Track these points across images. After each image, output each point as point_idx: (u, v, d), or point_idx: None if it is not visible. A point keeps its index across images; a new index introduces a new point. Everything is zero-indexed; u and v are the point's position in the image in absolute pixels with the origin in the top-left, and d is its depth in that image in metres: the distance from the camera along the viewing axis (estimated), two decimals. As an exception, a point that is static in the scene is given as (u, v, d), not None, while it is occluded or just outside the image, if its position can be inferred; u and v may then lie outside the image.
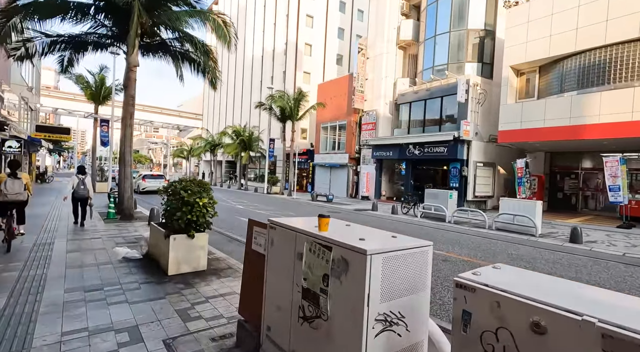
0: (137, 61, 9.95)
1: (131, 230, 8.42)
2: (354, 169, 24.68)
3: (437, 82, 18.43)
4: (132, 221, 9.79)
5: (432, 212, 13.20)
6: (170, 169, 65.01)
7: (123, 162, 10.04)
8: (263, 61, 37.89)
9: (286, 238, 2.42)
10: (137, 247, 6.48)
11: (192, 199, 4.75)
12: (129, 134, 10.02)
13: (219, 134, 36.65)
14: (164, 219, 5.65)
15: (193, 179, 5.54)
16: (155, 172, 29.81)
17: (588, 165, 16.56)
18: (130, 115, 9.99)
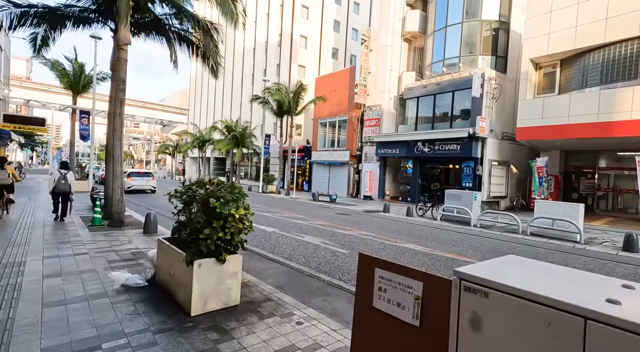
0: (128, 38, 8.39)
1: (124, 241, 6.93)
2: (355, 167, 23.53)
3: (449, 76, 17.46)
4: (123, 228, 8.26)
5: (454, 214, 12.19)
6: (153, 166, 62.29)
7: (112, 158, 8.47)
8: (255, 53, 36.17)
9: (520, 318, 1.16)
10: (138, 267, 5.06)
11: (225, 210, 3.41)
12: (118, 126, 8.46)
13: (208, 129, 34.75)
14: (178, 233, 4.28)
15: (218, 181, 4.20)
16: (142, 170, 27.79)
17: (604, 165, 15.99)
18: (120, 103, 8.43)
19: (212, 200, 3.44)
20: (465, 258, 6.94)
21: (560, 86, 14.52)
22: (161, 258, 4.35)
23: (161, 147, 46.89)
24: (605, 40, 12.41)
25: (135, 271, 4.80)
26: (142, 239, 7.18)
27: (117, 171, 8.49)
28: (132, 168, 60.82)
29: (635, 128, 11.55)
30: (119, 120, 8.45)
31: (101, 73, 19.80)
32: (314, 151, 26.68)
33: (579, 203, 9.66)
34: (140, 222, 9.19)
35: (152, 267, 4.55)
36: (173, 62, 11.68)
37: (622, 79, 12.24)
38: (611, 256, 7.74)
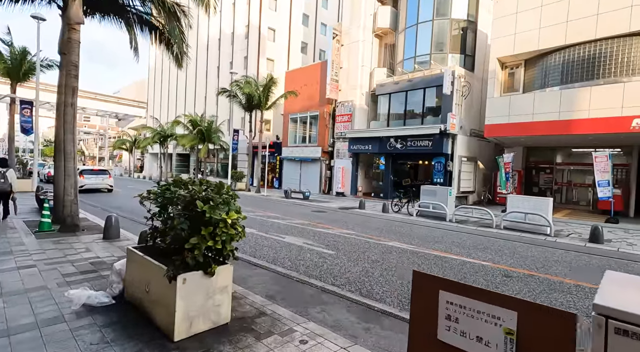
0: (80, 16, 7.33)
1: (80, 249, 6.04)
2: (326, 163, 23.27)
3: (420, 73, 17.67)
4: (78, 233, 7.27)
5: (430, 210, 12.30)
6: (108, 162, 57.95)
7: (62, 154, 7.40)
8: (221, 44, 34.57)
9: None
10: (101, 280, 4.34)
11: (216, 214, 2.89)
12: (70, 117, 7.40)
13: (171, 123, 32.73)
14: (152, 241, 3.67)
15: (201, 180, 3.64)
16: (96, 167, 25.53)
17: (560, 161, 17.06)
18: (72, 92, 7.36)
19: (199, 203, 2.89)
20: (452, 255, 6.87)
21: (524, 85, 15.20)
22: (132, 271, 3.70)
23: (117, 142, 43.54)
24: (566, 42, 13.10)
25: (98, 287, 4.09)
26: (103, 245, 6.32)
27: (70, 169, 7.44)
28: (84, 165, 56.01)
29: (592, 126, 12.31)
30: (71, 111, 7.39)
31: (46, 59, 17.74)
32: (285, 147, 26.04)
33: (548, 198, 10.08)
34: (99, 225, 8.20)
35: (119, 281, 3.88)
36: (133, 49, 10.61)
37: (581, 79, 13.00)
38: (581, 248, 8.10)
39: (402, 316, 3.78)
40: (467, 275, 5.44)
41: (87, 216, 9.68)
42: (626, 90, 11.60)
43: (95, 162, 75.93)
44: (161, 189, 3.53)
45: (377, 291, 4.64)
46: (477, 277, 5.38)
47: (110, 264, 4.96)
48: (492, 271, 5.72)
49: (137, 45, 10.60)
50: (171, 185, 3.58)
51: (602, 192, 12.26)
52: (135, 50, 10.70)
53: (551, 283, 5.22)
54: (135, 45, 10.52)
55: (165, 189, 3.50)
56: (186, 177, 4.09)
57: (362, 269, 5.66)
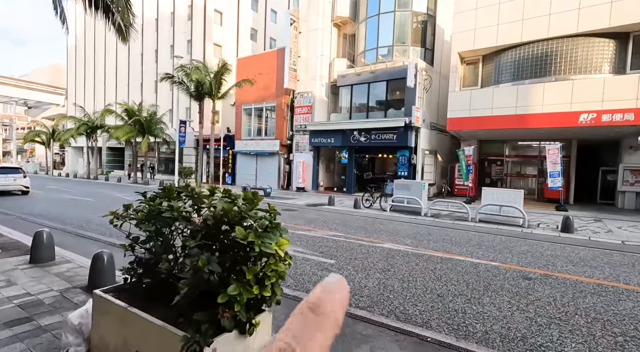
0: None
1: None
2: (285, 157, 22.14)
3: (382, 65, 17.42)
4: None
5: (404, 205, 12.08)
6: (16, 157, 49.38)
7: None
8: (158, 25, 30.94)
9: None
10: (42, 338, 2.94)
11: (268, 246, 1.85)
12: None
13: (100, 113, 28.51)
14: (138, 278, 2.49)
15: (212, 187, 2.52)
16: (6, 164, 21.11)
17: (509, 153, 18.26)
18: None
19: (240, 230, 1.82)
20: (457, 256, 6.49)
21: (482, 80, 15.79)
22: (105, 329, 2.45)
23: (29, 134, 36.82)
24: (522, 40, 13.76)
25: (39, 350, 2.73)
26: (32, 274, 4.65)
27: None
28: (-16, 162, 46.72)
29: (545, 120, 13.14)
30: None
31: None
32: (238, 140, 24.24)
33: (519, 190, 10.42)
34: (20, 243, 6.27)
35: (80, 344, 2.58)
36: (59, 17, 8.45)
37: (535, 76, 13.80)
38: (559, 239, 8.38)
39: (462, 347, 3.11)
40: (491, 282, 5.02)
41: (1, 230, 7.46)
42: (575, 87, 12.52)
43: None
44: (150, 203, 2.34)
45: (413, 311, 3.93)
46: (502, 282, 4.99)
47: (53, 308, 3.51)
48: (509, 274, 5.39)
49: (63, 10, 8.47)
50: (165, 195, 2.41)
51: (553, 183, 13.18)
52: (62, 18, 8.54)
53: (590, 286, 5.04)
54: (61, 10, 8.39)
55: (156, 202, 2.33)
56: (122, 174, 2.89)
57: (377, 281, 4.92)
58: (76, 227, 8.35)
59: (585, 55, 12.84)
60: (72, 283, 4.38)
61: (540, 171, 17.05)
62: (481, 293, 4.49)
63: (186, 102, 28.31)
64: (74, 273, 4.75)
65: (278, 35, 34.87)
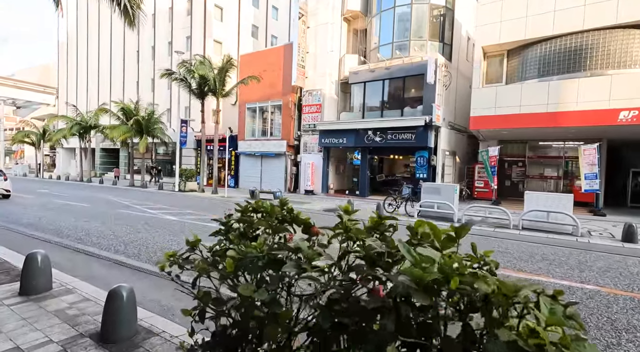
0: None
1: (-24, 328, 3.20)
2: (292, 158, 21.06)
3: (399, 61, 16.47)
4: (-31, 286, 4.21)
5: (434, 210, 11.08)
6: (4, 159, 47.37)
7: None
8: (156, 20, 29.62)
9: None
10: None
11: None
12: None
13: (94, 112, 27.09)
14: None
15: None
16: None
17: (532, 154, 17.42)
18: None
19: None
20: (538, 277, 5.49)
21: (507, 76, 14.91)
22: None
23: (18, 134, 35.14)
24: (553, 33, 12.90)
25: None
26: (23, 312, 3.51)
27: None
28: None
29: (580, 118, 12.29)
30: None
31: None
32: (241, 141, 23.09)
33: (568, 194, 9.50)
34: (9, 264, 5.10)
35: None
36: None
37: (567, 71, 12.94)
38: (627, 250, 7.44)
39: None
40: (615, 317, 4.02)
41: (-17, 245, 6.27)
42: (613, 82, 11.68)
43: (-14, 160, 61.88)
44: (248, 245, 1.27)
45: None
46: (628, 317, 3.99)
47: (57, 380, 2.40)
48: (625, 304, 4.39)
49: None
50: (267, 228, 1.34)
51: (588, 185, 12.31)
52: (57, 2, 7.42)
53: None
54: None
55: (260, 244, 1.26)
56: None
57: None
58: (74, 240, 7.17)
59: (625, 48, 12.02)
60: (78, 328, 3.26)
61: (565, 173, 16.23)
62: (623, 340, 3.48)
63: (186, 101, 27.09)
64: (79, 311, 3.63)
65: (280, 32, 33.85)
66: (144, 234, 7.86)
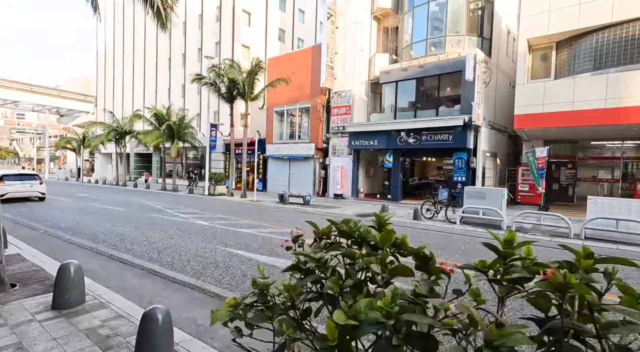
0: None
1: (6, 344, 2.92)
2: (320, 161, 20.63)
3: (433, 58, 15.62)
4: (4, 295, 4.02)
5: (479, 216, 10.20)
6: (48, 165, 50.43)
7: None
8: (187, 28, 30.37)
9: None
10: None
11: None
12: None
13: (129, 118, 28.08)
14: None
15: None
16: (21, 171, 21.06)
17: (583, 155, 15.96)
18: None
19: None
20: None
21: (556, 70, 13.70)
22: None
23: (61, 141, 37.21)
24: (612, 20, 11.65)
25: None
26: (54, 330, 3.21)
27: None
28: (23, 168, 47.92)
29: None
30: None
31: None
32: (270, 144, 22.96)
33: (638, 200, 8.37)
34: (45, 273, 4.93)
35: None
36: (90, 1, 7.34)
37: (630, 62, 11.64)
38: None
39: None
40: None
41: (18, 247, 6.23)
42: (687, 73, 10.31)
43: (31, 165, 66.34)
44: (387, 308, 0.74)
45: None
46: None
47: None
48: None
49: None
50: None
51: (658, 189, 10.93)
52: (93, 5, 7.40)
53: None
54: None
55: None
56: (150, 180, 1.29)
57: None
58: (109, 247, 7.05)
59: (701, 34, 10.62)
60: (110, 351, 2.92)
61: (624, 175, 14.68)
62: None
63: (215, 106, 27.46)
64: (111, 330, 3.29)
65: (306, 35, 33.76)
66: (176, 241, 7.65)
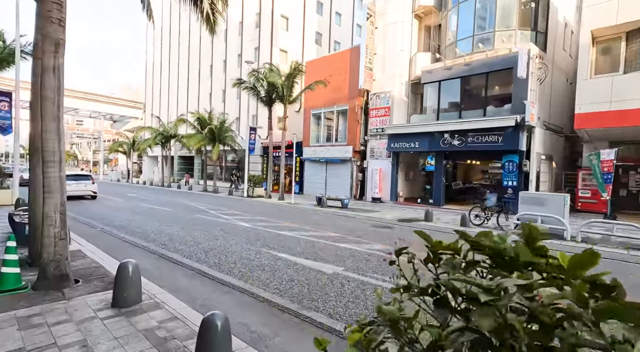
0: None
1: (70, 341, 2.97)
2: (358, 164, 20.29)
3: (481, 55, 14.75)
4: (68, 291, 4.19)
5: (538, 225, 9.31)
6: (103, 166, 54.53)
7: (40, 154, 4.35)
8: (227, 36, 31.47)
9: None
10: None
11: None
12: (52, 92, 4.32)
13: (174, 123, 29.57)
14: None
15: None
16: (76, 172, 22.89)
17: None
18: (55, 47, 4.30)
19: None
20: None
21: (625, 63, 12.33)
22: None
23: (114, 145, 40.12)
24: (697, 6, 10.26)
25: None
26: (115, 329, 3.24)
27: (53, 179, 4.37)
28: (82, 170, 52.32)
29: None
30: (52, 80, 4.31)
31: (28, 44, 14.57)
32: (306, 147, 23.01)
33: None
34: (104, 270, 5.11)
35: None
36: (145, 9, 7.64)
37: None
38: None
39: None
40: None
41: (79, 243, 6.58)
42: None
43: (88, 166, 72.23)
44: None
45: None
46: None
47: None
48: None
49: (149, 4, 7.62)
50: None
51: None
52: (147, 12, 7.71)
53: None
54: (147, 4, 7.54)
55: None
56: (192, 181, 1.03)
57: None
58: (159, 246, 7.27)
59: None
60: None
61: None
62: None
63: (253, 110, 28.15)
64: (168, 332, 3.26)
65: (342, 38, 33.66)
66: (221, 241, 7.73)
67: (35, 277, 4.37)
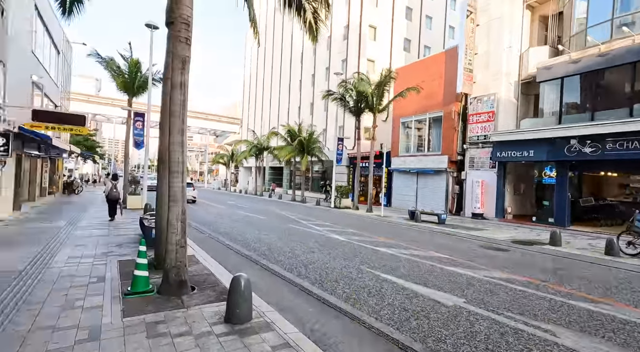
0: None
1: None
2: (454, 176, 18.41)
3: (625, 41, 11.90)
4: (185, 298, 4.28)
5: None
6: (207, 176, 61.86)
7: (167, 165, 4.63)
8: (316, 51, 32.67)
9: None
10: None
11: None
12: (178, 107, 4.60)
13: (267, 136, 31.71)
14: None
15: None
16: None
17: None
18: (182, 64, 4.57)
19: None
20: None
21: None
22: None
23: (216, 157, 45.19)
24: None
25: None
26: (232, 347, 3.04)
27: (177, 188, 4.60)
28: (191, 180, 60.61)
29: None
30: (179, 96, 4.58)
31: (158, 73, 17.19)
32: (395, 157, 21.97)
33: None
34: (215, 278, 5.21)
35: None
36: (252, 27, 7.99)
37: None
38: None
39: None
40: None
41: (194, 249, 7.02)
42: None
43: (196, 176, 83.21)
44: None
45: None
46: None
47: None
48: None
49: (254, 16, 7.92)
50: None
51: None
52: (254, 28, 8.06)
53: None
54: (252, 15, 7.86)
55: None
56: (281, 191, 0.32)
57: None
58: (259, 255, 7.35)
59: None
60: (288, 397, 2.49)
61: None
62: None
63: (340, 121, 28.33)
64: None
65: (433, 42, 31.85)
66: (318, 255, 7.46)
67: (159, 280, 4.63)
